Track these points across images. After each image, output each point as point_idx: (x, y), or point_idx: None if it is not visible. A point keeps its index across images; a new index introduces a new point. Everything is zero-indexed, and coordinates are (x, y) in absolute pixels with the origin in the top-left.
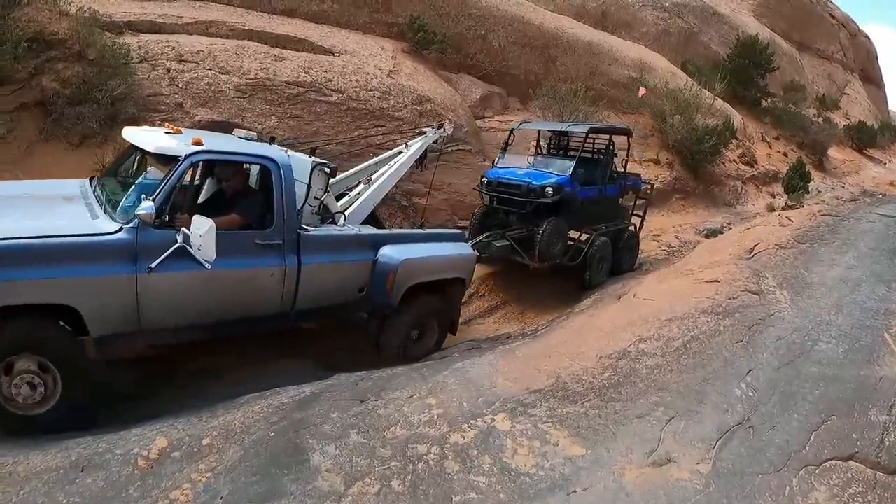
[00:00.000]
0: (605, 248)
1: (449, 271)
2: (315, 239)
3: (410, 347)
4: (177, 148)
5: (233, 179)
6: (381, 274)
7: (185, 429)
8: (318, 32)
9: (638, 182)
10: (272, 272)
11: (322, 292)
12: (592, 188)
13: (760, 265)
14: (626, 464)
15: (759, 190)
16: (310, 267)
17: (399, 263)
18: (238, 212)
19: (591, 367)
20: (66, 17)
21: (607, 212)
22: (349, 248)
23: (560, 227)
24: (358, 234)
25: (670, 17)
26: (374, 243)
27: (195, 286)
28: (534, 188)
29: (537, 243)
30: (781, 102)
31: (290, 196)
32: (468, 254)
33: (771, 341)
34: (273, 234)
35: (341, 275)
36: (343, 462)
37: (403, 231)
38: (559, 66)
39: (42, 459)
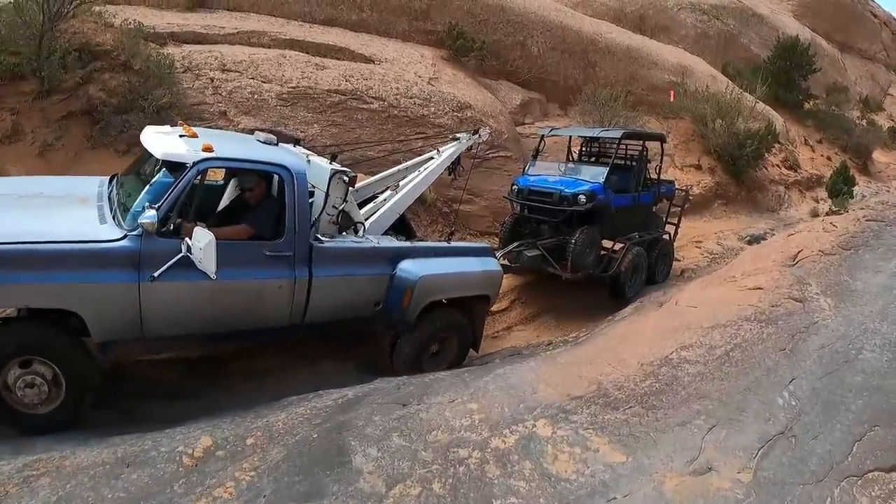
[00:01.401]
0: (639, 257)
1: (472, 288)
2: (329, 251)
3: (426, 363)
4: (185, 155)
5: (250, 187)
6: (399, 289)
7: (230, 428)
8: (357, 41)
9: (672, 189)
10: (280, 284)
11: (334, 306)
12: (626, 196)
13: (804, 272)
14: (666, 472)
15: (802, 195)
16: (322, 280)
17: (417, 280)
18: (248, 221)
19: (633, 374)
20: (110, 29)
21: (641, 220)
22: (365, 262)
23: (593, 237)
24: (375, 246)
25: (709, 20)
26: (392, 257)
27: (199, 296)
28: (566, 196)
29: (570, 253)
30: (824, 105)
31: (304, 206)
32: (494, 270)
33: (814, 349)
34: (283, 246)
35: (356, 289)
36: (385, 464)
37: (426, 244)
38: (598, 71)
39: (88, 455)
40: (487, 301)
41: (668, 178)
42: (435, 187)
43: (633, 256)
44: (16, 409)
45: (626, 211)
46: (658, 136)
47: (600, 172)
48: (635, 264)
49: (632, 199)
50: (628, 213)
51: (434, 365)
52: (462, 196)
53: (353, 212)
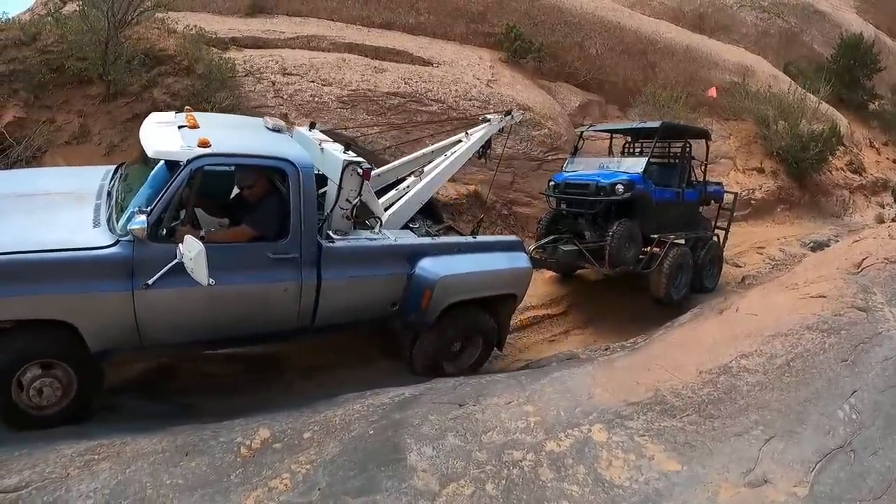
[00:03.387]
0: (684, 256)
1: (498, 287)
2: (340, 252)
3: (448, 363)
4: (178, 153)
5: (251, 184)
6: (417, 290)
7: (288, 422)
8: (415, 44)
9: (721, 191)
10: (286, 287)
11: (346, 308)
12: (669, 190)
13: (868, 280)
14: (721, 482)
15: (867, 200)
16: (332, 282)
17: (438, 280)
18: (250, 222)
19: (691, 381)
20: (173, 35)
21: (686, 219)
22: (381, 261)
23: (633, 230)
24: (392, 244)
25: (770, 18)
26: (411, 254)
27: (198, 303)
28: (603, 186)
29: (608, 245)
30: (890, 105)
31: (310, 203)
32: (523, 266)
33: (877, 361)
34: (289, 247)
35: (370, 290)
36: (439, 463)
37: (448, 240)
38: (658, 71)
39: (148, 442)
40: (514, 299)
41: (716, 180)
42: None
43: (676, 254)
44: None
45: (668, 206)
46: (701, 131)
47: (639, 163)
48: (679, 263)
49: (675, 194)
50: (671, 209)
51: (456, 365)
52: (493, 180)
53: (371, 203)
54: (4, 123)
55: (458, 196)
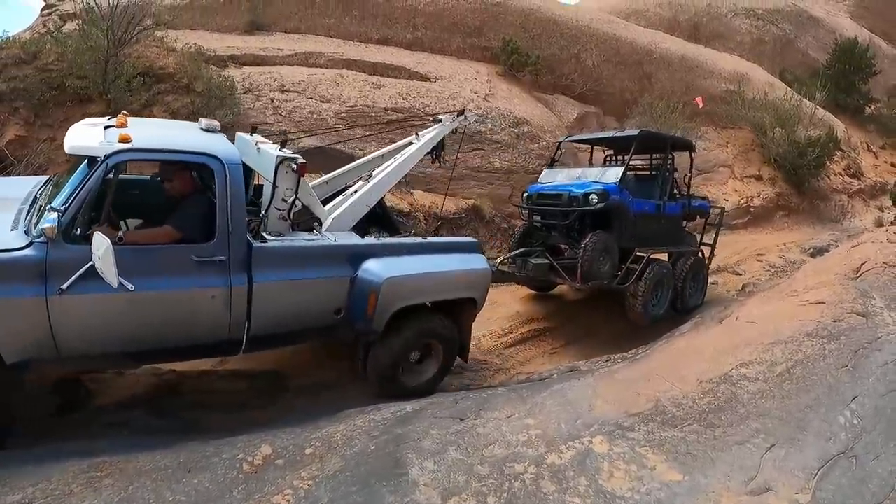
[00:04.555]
0: (663, 272)
1: (453, 291)
2: (272, 253)
3: (405, 376)
4: (95, 147)
5: (174, 182)
6: (361, 294)
7: (290, 438)
8: (413, 59)
9: (706, 205)
10: (213, 294)
11: (284, 316)
12: (649, 202)
13: (868, 285)
14: (723, 491)
15: (866, 204)
16: (265, 286)
17: (382, 282)
18: (173, 222)
19: (692, 391)
20: (172, 53)
21: (668, 233)
22: (319, 263)
23: (608, 243)
24: (331, 245)
25: (764, 25)
26: (353, 256)
27: (118, 310)
28: (576, 196)
29: (580, 258)
30: (886, 108)
31: (238, 201)
32: (479, 269)
33: (878, 366)
34: (215, 249)
35: (308, 295)
36: (441, 477)
37: (397, 240)
38: (654, 82)
39: (151, 459)
40: (474, 304)
41: (701, 195)
42: (494, 203)
43: (654, 270)
44: None
45: (648, 219)
46: (685, 142)
47: (616, 173)
48: (658, 279)
49: (655, 207)
50: (651, 222)
51: (414, 377)
52: (448, 184)
53: (312, 204)
54: (6, 142)
55: (457, 210)
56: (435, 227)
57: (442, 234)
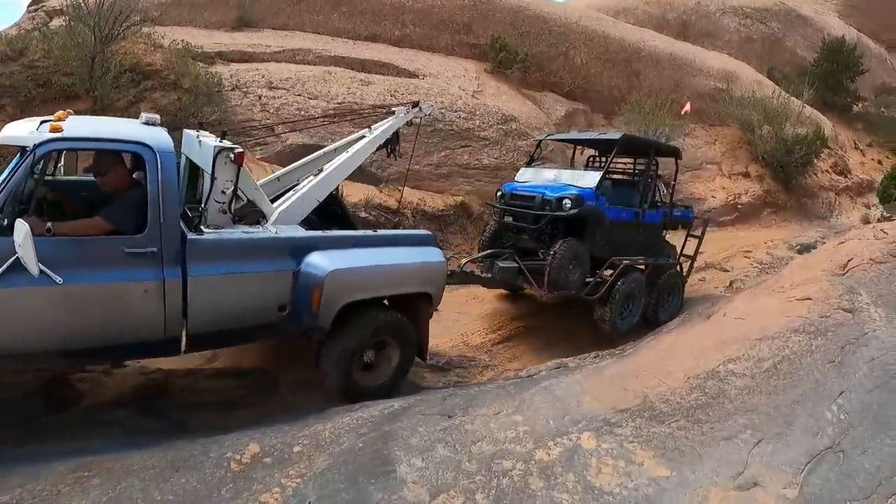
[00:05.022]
0: (636, 284)
1: (405, 285)
2: (208, 245)
3: (360, 377)
4: (25, 137)
5: (107, 175)
6: (305, 288)
7: (278, 436)
8: (401, 56)
9: (689, 215)
10: (146, 287)
11: (223, 312)
12: (626, 210)
13: (854, 281)
14: (711, 486)
15: (853, 201)
16: (200, 280)
17: (326, 275)
18: (105, 213)
19: (679, 387)
20: (160, 50)
21: (645, 243)
22: (259, 256)
23: (579, 251)
24: (271, 237)
25: (753, 24)
26: (295, 248)
27: (44, 306)
28: (549, 200)
29: (548, 266)
30: (873, 107)
31: (171, 191)
32: (433, 262)
33: (864, 361)
34: (146, 240)
35: (248, 290)
36: (429, 474)
37: (342, 233)
38: (642, 79)
39: (139, 458)
40: (430, 300)
41: (685, 204)
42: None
43: (626, 281)
44: None
45: (624, 227)
46: (670, 149)
47: (594, 177)
48: (629, 291)
49: (633, 214)
50: (628, 230)
51: (370, 378)
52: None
53: (259, 199)
54: None
55: (445, 207)
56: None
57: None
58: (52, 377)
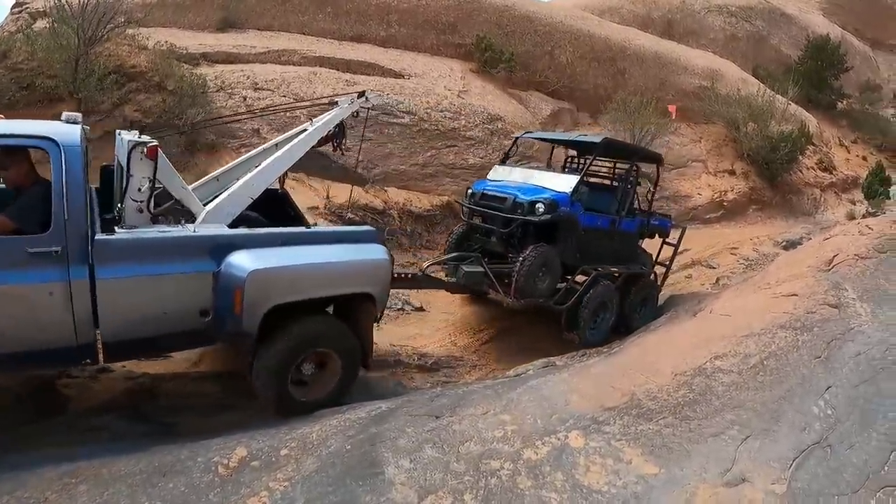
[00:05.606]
0: (607, 294)
1: (343, 285)
2: (118, 245)
3: (296, 388)
4: None
5: (10, 171)
6: (226, 291)
7: (265, 439)
8: (387, 56)
9: (666, 223)
10: (51, 289)
11: (139, 318)
12: (602, 217)
13: (840, 277)
14: (699, 483)
15: (838, 197)
16: (110, 283)
17: (246, 276)
18: (9, 212)
19: (666, 384)
20: (144, 51)
21: (620, 251)
22: (174, 257)
23: (549, 258)
24: (188, 235)
25: (737, 22)
26: (217, 248)
27: None
28: (521, 203)
29: (515, 273)
30: (857, 104)
31: (76, 187)
32: (375, 259)
33: (850, 356)
34: (50, 239)
35: (165, 293)
36: (417, 475)
37: (272, 230)
38: (628, 78)
39: (126, 463)
40: (373, 302)
41: (664, 212)
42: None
43: (597, 291)
44: None
45: (599, 235)
46: (652, 155)
47: (570, 182)
48: (600, 301)
49: (609, 222)
50: (602, 238)
51: (310, 391)
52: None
53: (186, 198)
54: None
55: (431, 207)
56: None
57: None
58: (39, 383)
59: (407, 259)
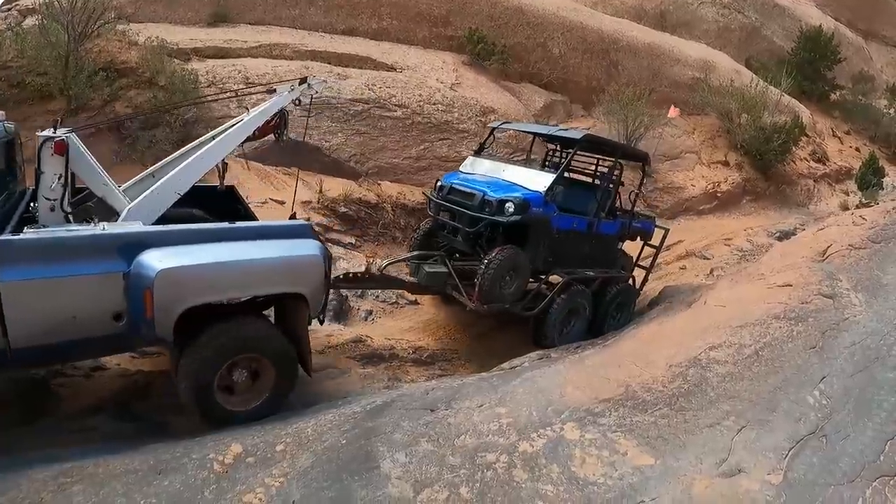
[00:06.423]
0: (579, 298)
1: (269, 284)
2: (21, 246)
3: (225, 397)
4: None
5: None
6: (136, 292)
7: (260, 435)
8: (379, 49)
9: (649, 226)
10: None
11: (47, 323)
12: (579, 219)
13: (834, 267)
14: (695, 474)
15: (831, 188)
16: (15, 285)
17: (155, 275)
18: None
19: (661, 375)
20: (135, 47)
21: (598, 255)
22: (82, 256)
23: (517, 261)
24: (95, 234)
25: (730, 13)
26: (128, 247)
27: None
28: (490, 201)
29: (479, 276)
30: (850, 95)
31: None
32: (306, 256)
33: (845, 346)
34: None
35: (75, 296)
36: (413, 469)
37: (188, 227)
38: (621, 70)
39: (122, 462)
40: (306, 303)
41: (647, 213)
42: None
43: (569, 296)
44: None
45: (574, 238)
46: (637, 153)
47: (545, 180)
48: (571, 307)
49: (587, 224)
50: (578, 241)
51: (242, 400)
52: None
53: (108, 195)
54: None
55: (424, 201)
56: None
57: None
58: (31, 383)
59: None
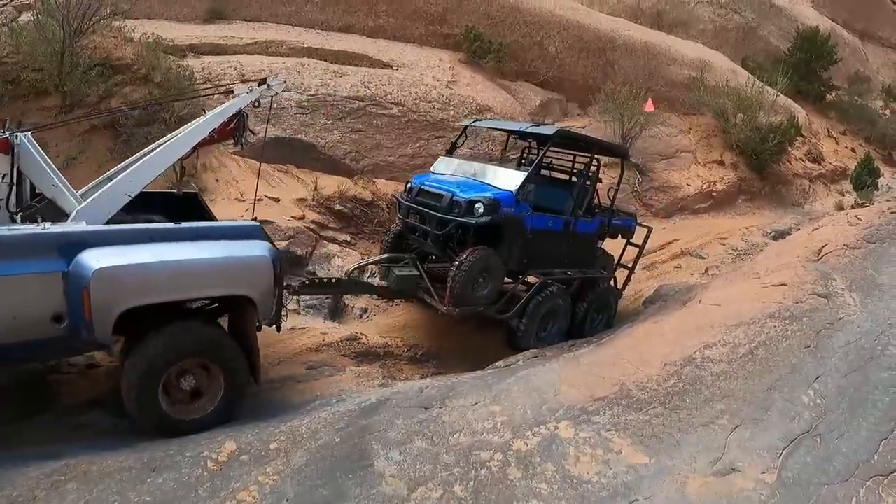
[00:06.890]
0: (556, 300)
1: (212, 286)
2: None
3: (171, 405)
4: None
5: None
6: (75, 293)
7: (254, 433)
8: (375, 47)
9: (630, 223)
10: None
11: None
12: (554, 218)
13: (829, 267)
14: (689, 472)
15: (827, 188)
16: None
17: (92, 275)
18: None
19: (656, 374)
20: (130, 43)
21: (576, 254)
22: (17, 256)
23: (490, 263)
24: (31, 233)
25: (727, 13)
26: (67, 246)
27: None
28: (459, 202)
29: (450, 279)
30: (846, 95)
31: None
32: (254, 257)
33: (840, 346)
34: None
35: (11, 296)
36: (407, 467)
37: (130, 226)
38: (617, 69)
39: (115, 460)
40: (254, 306)
41: (628, 211)
42: None
43: (545, 298)
44: None
45: (550, 237)
46: (615, 148)
47: (516, 178)
48: (548, 309)
49: (562, 223)
50: (554, 241)
51: (189, 408)
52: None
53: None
54: None
55: None
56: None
57: None
58: (26, 379)
59: None
